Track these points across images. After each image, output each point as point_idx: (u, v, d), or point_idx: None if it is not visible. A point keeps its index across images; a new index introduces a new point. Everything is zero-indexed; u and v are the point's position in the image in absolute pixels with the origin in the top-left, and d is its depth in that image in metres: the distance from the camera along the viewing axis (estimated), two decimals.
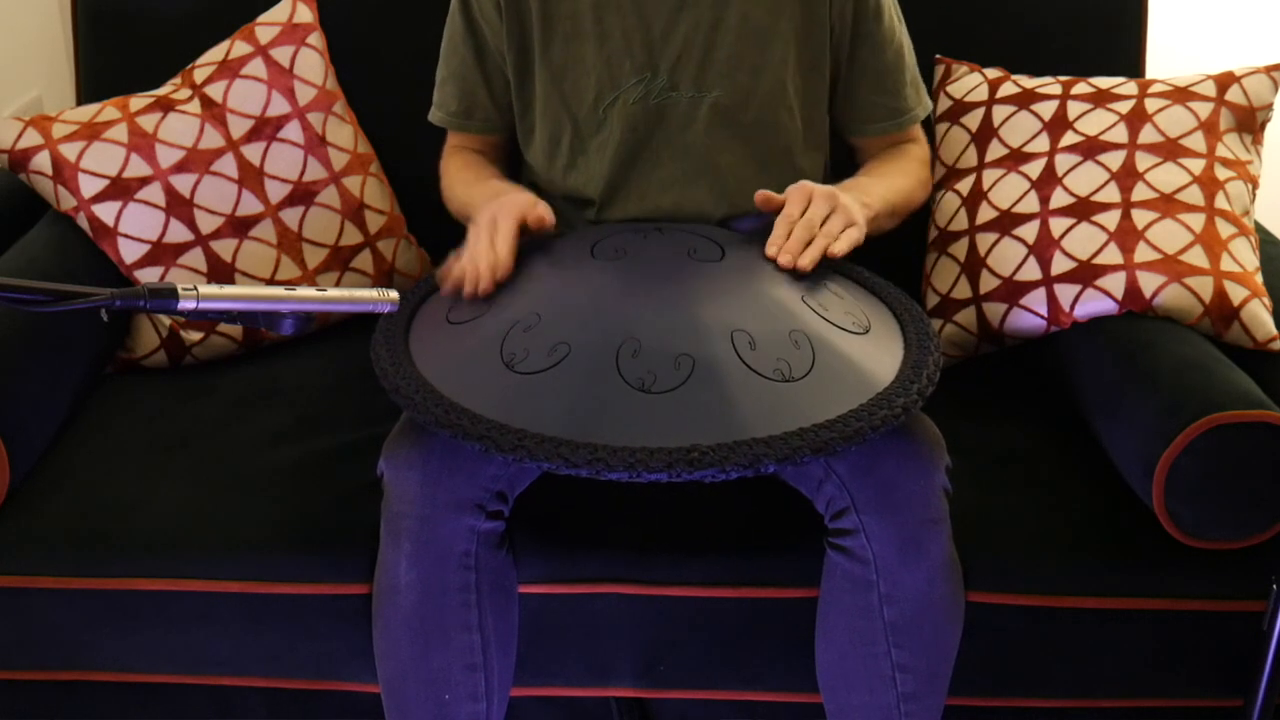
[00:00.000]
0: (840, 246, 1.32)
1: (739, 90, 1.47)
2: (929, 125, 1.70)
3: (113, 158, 1.62)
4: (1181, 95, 1.61)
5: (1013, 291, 1.57)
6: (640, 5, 1.45)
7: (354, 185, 1.74)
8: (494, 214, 1.35)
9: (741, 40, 1.46)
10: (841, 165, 1.59)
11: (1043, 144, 1.63)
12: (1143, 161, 1.57)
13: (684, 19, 1.46)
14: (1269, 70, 1.61)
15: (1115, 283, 1.51)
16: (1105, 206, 1.55)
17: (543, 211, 1.37)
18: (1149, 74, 1.84)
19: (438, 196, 1.60)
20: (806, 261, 1.30)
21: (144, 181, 1.62)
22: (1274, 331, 1.51)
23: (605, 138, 1.50)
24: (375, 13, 1.84)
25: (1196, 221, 1.53)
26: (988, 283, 1.60)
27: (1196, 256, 1.51)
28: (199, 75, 1.72)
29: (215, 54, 1.74)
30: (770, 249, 1.32)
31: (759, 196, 1.36)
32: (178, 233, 1.62)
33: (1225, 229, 1.53)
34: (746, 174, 1.49)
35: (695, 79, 1.47)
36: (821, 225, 1.33)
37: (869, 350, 1.24)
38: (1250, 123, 1.61)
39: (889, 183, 1.49)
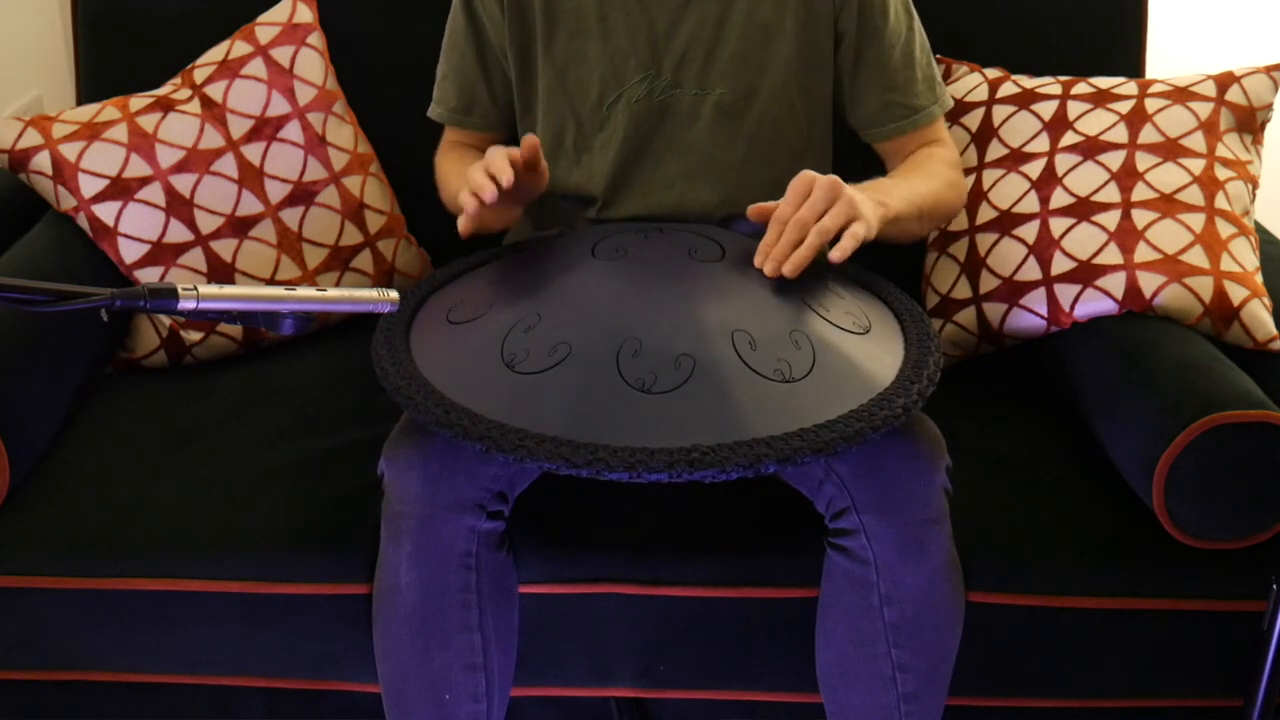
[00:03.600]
0: (845, 246, 1.24)
1: (743, 87, 1.47)
2: None
3: (113, 158, 1.62)
4: (1181, 95, 1.61)
5: (1013, 291, 1.57)
6: (645, 1, 1.45)
7: (354, 185, 1.74)
8: (484, 159, 1.33)
9: (746, 37, 1.46)
10: (853, 166, 1.57)
11: (1043, 144, 1.63)
12: (1143, 161, 1.57)
13: (689, 15, 1.45)
14: (1269, 70, 1.62)
15: (1115, 283, 1.51)
16: (1105, 206, 1.55)
17: (530, 143, 1.35)
18: (1149, 74, 1.84)
19: (438, 196, 1.60)
20: (790, 268, 1.24)
21: (144, 181, 1.62)
22: (1274, 331, 1.51)
23: (609, 135, 1.50)
24: (375, 13, 1.84)
25: (1196, 221, 1.53)
26: (988, 283, 1.60)
27: (1196, 256, 1.51)
28: (199, 75, 1.72)
29: (215, 54, 1.74)
30: (757, 258, 1.27)
31: (752, 211, 1.31)
32: (178, 233, 1.62)
33: (1225, 229, 1.53)
34: (750, 172, 1.49)
35: (699, 76, 1.47)
36: (818, 220, 1.26)
37: (869, 350, 1.24)
38: (1250, 123, 1.61)
39: (911, 185, 1.43)
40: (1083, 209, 1.56)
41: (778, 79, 1.47)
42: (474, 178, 1.30)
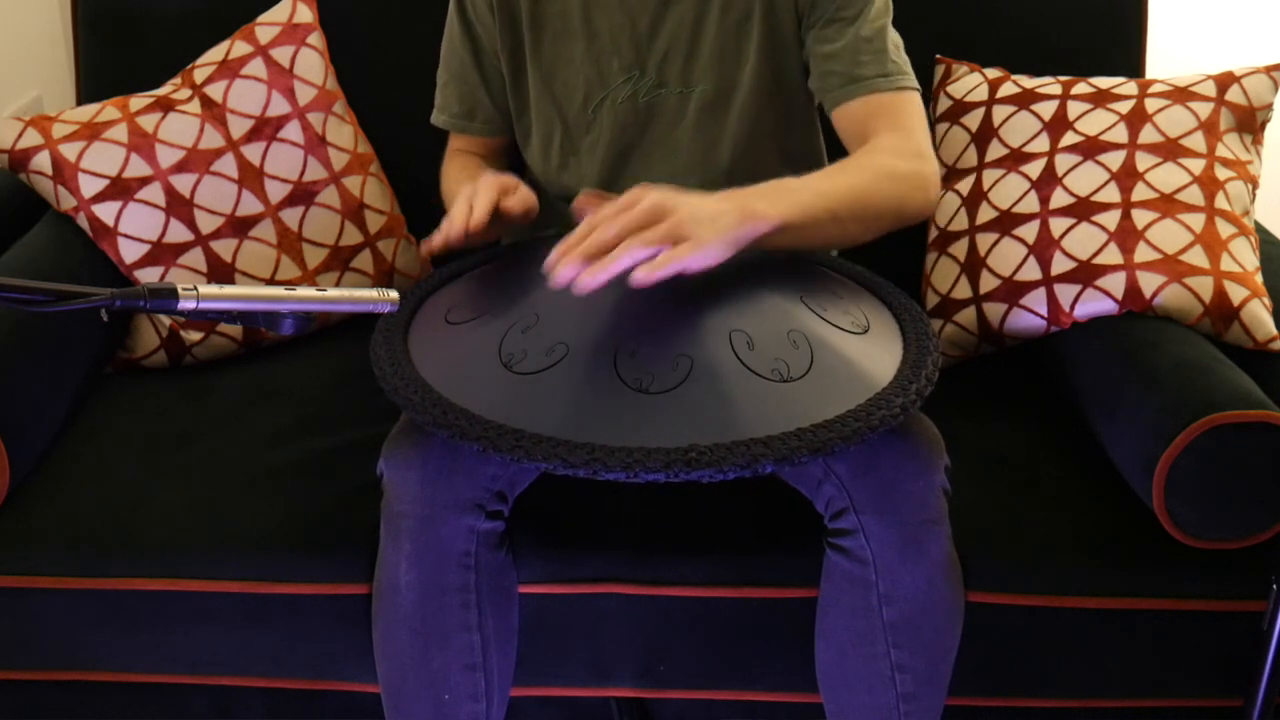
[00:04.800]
0: (657, 262, 1.13)
1: (725, 82, 1.47)
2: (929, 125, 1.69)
3: (113, 158, 1.62)
4: (1181, 95, 1.61)
5: (1013, 291, 1.57)
6: (627, 2, 1.46)
7: (354, 185, 1.74)
8: (475, 186, 1.36)
9: (723, 32, 1.46)
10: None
11: (1043, 144, 1.63)
12: (1143, 161, 1.57)
13: (670, 15, 1.46)
14: (1269, 70, 1.61)
15: (1115, 283, 1.51)
16: (1105, 206, 1.55)
17: (525, 191, 1.37)
18: (1149, 74, 1.84)
19: (438, 197, 1.60)
20: (584, 281, 1.13)
21: (144, 181, 1.62)
22: (1274, 331, 1.51)
23: (596, 138, 1.50)
24: (375, 13, 1.84)
25: (1196, 221, 1.53)
26: (988, 283, 1.60)
27: (1196, 256, 1.51)
28: (199, 75, 1.72)
29: (215, 54, 1.74)
30: (552, 255, 1.16)
31: (577, 203, 1.21)
32: (178, 233, 1.62)
33: (1225, 229, 1.53)
34: (738, 167, 1.48)
35: (682, 74, 1.47)
36: (634, 233, 1.15)
37: (868, 350, 1.24)
38: (1250, 123, 1.61)
39: (827, 183, 1.30)
40: (1083, 209, 1.56)
41: (755, 69, 1.47)
42: (453, 216, 1.33)
